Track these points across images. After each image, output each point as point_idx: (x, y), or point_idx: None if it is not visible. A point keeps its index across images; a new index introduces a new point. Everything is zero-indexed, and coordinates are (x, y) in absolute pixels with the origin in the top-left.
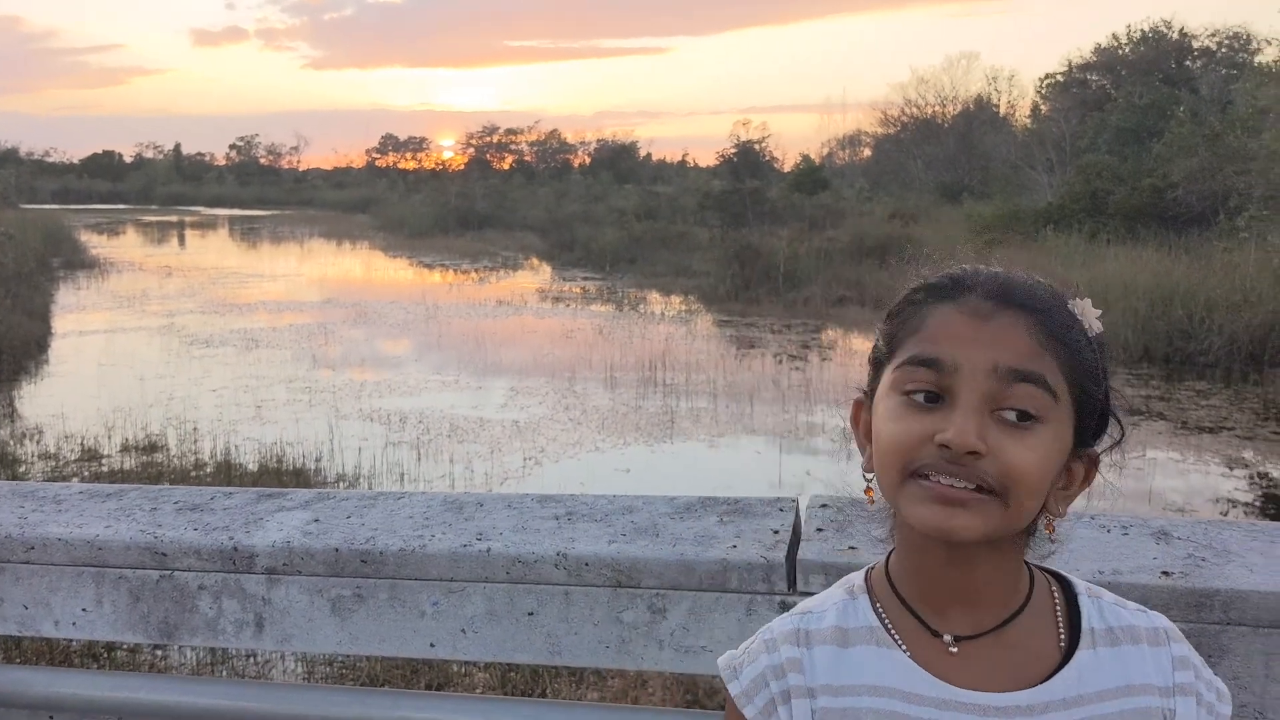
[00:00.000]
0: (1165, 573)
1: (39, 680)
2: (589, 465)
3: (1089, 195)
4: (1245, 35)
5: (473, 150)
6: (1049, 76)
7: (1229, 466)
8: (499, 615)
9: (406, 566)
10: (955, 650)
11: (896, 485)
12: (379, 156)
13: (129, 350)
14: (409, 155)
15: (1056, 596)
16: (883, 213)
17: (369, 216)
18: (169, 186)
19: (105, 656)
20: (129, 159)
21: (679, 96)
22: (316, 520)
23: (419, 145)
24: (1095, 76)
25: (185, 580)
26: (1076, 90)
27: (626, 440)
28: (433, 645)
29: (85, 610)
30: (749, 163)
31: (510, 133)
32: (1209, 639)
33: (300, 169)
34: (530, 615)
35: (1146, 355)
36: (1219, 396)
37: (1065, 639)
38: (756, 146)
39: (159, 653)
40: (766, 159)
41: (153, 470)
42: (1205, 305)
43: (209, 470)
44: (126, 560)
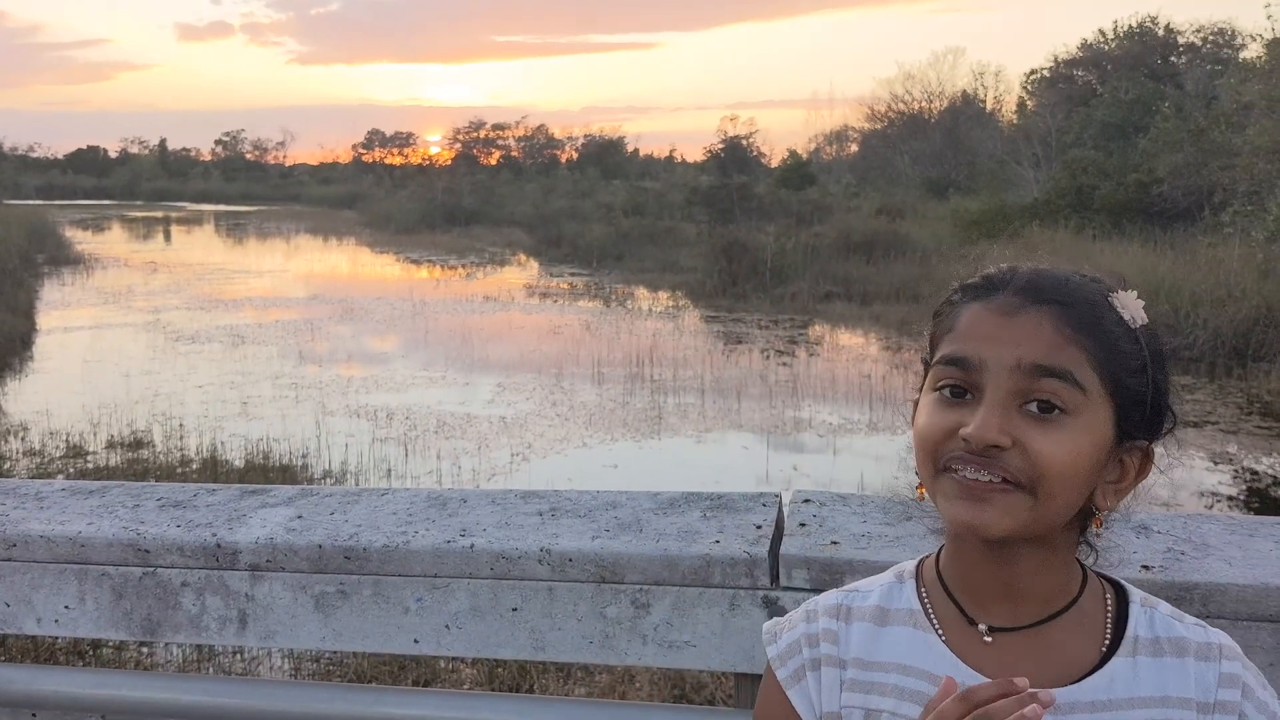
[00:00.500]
0: (1145, 566)
1: (20, 678)
2: (576, 461)
3: (1075, 190)
4: (1230, 31)
5: (460, 146)
6: (1035, 72)
7: (1213, 461)
8: (483, 611)
9: (390, 563)
10: (990, 640)
11: (930, 479)
12: (365, 152)
13: (114, 346)
14: (396, 151)
15: (1109, 603)
16: (869, 208)
17: (355, 212)
18: (154, 182)
19: (91, 654)
20: (114, 154)
21: (666, 92)
22: (300, 517)
23: (406, 141)
24: (1081, 72)
25: (168, 577)
26: (1062, 86)
27: (614, 436)
28: (416, 641)
29: (68, 608)
30: (736, 158)
31: (497, 128)
32: None
33: (286, 164)
34: (514, 611)
35: None
36: (1203, 391)
37: (1108, 645)
38: (744, 142)
39: (145, 650)
40: (754, 155)
41: (138, 467)
42: (1190, 300)
43: (195, 467)
44: (109, 557)
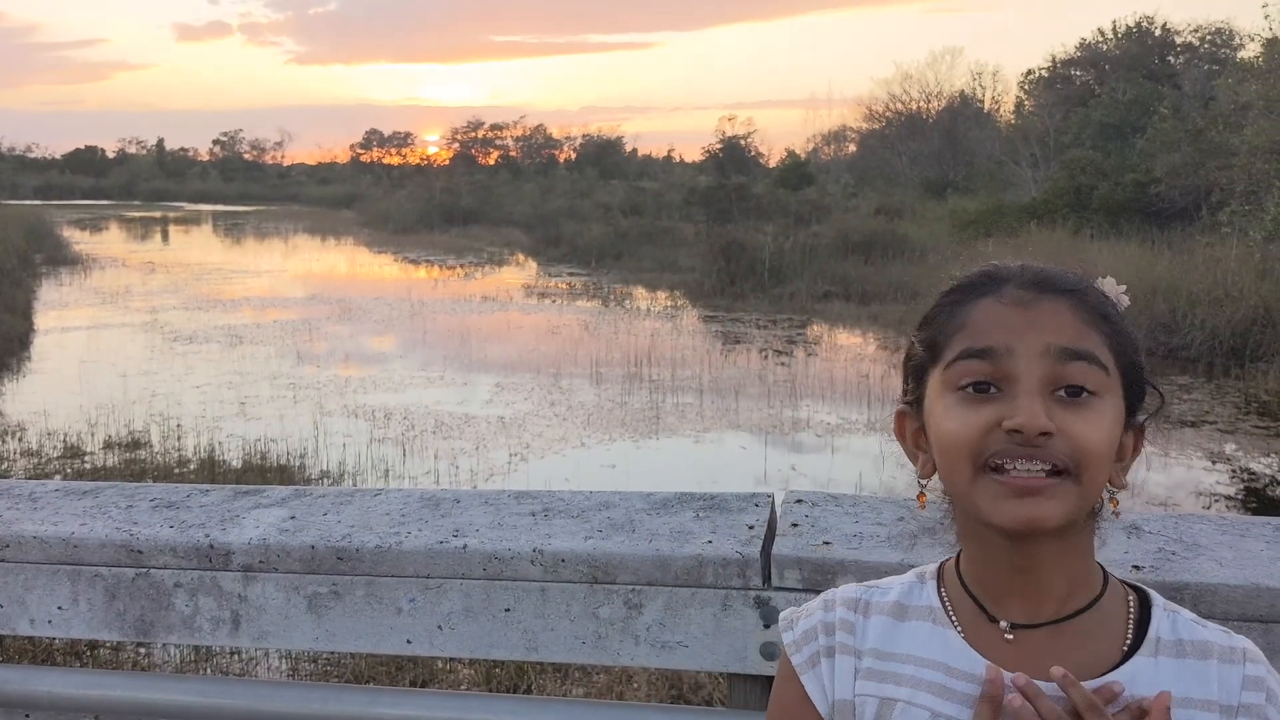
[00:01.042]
0: (1136, 567)
1: (14, 678)
2: (574, 461)
3: (1073, 190)
4: (1228, 31)
5: (458, 145)
6: (1033, 72)
7: (1211, 460)
8: (475, 612)
9: (383, 563)
10: (1011, 637)
11: (969, 481)
12: (363, 152)
13: (112, 347)
14: (394, 151)
15: (1131, 605)
16: (868, 208)
17: (353, 212)
18: (152, 182)
19: (88, 655)
20: (112, 155)
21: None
22: (293, 517)
23: (404, 140)
24: (1079, 72)
25: (161, 578)
26: (1060, 86)
27: (612, 436)
28: (409, 642)
29: (61, 608)
30: (735, 158)
31: (495, 128)
32: None
33: (284, 164)
34: (507, 612)
35: None
36: (1200, 390)
37: (1129, 644)
38: (742, 142)
39: (143, 651)
40: (752, 155)
41: (136, 467)
42: (1187, 300)
43: (192, 467)
44: (102, 558)
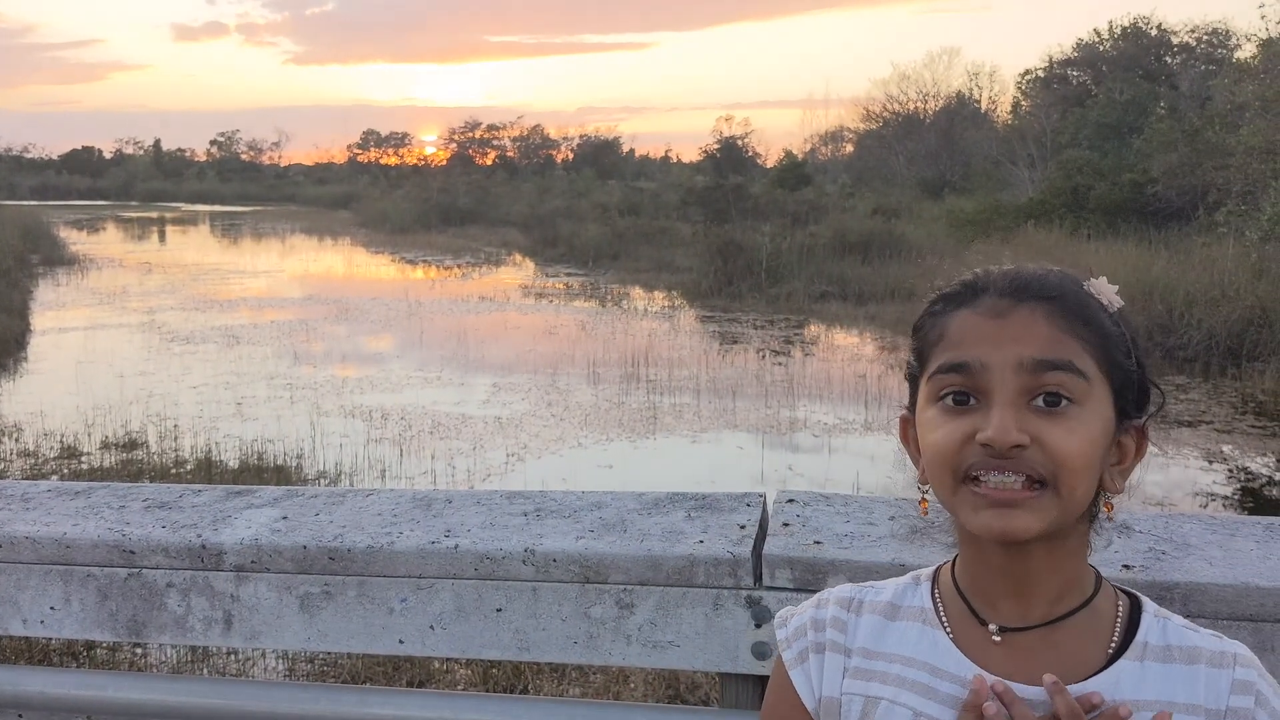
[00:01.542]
0: (1126, 566)
1: (6, 678)
2: (571, 462)
3: (1070, 190)
4: (1224, 31)
5: (455, 146)
6: (1030, 72)
7: (1207, 460)
8: (467, 612)
9: (375, 563)
10: (999, 640)
11: (951, 491)
12: (361, 152)
13: (109, 347)
14: (391, 151)
15: (1120, 610)
16: (865, 208)
17: (351, 212)
18: (149, 183)
19: (85, 655)
20: (109, 155)
21: (662, 92)
22: (285, 517)
23: (401, 141)
24: (1076, 72)
25: (153, 578)
26: (1057, 86)
27: (609, 436)
28: (401, 642)
29: (53, 608)
30: (732, 158)
31: (493, 128)
32: None
33: (282, 165)
34: (498, 611)
35: None
36: (1197, 390)
37: (1114, 648)
38: (739, 142)
39: (138, 651)
40: (749, 155)
41: (132, 468)
42: (1184, 300)
43: (189, 468)
44: (94, 558)
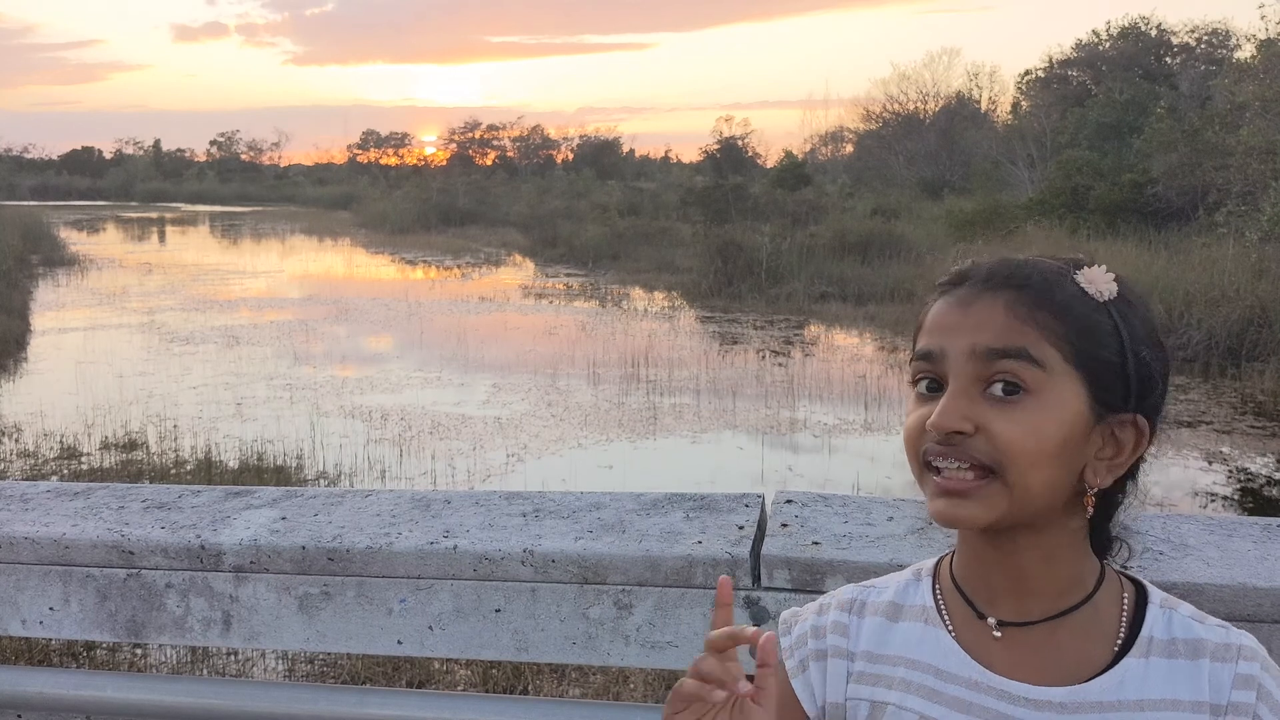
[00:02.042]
0: (1123, 566)
1: (5, 679)
2: (571, 462)
3: (1069, 190)
4: (1224, 31)
5: (455, 146)
6: (1029, 72)
7: (1207, 460)
8: (466, 612)
9: (374, 564)
10: (999, 635)
11: (919, 477)
12: (361, 152)
13: (109, 348)
14: (391, 151)
15: (1125, 603)
16: (865, 209)
17: (351, 213)
18: (149, 183)
19: (84, 656)
20: (109, 155)
21: (662, 92)
22: (284, 518)
23: (401, 141)
24: (1076, 72)
25: (152, 579)
26: (1057, 86)
27: (609, 437)
28: (400, 642)
29: (53, 609)
30: (732, 159)
31: (493, 129)
32: None
33: (281, 165)
34: (497, 612)
35: None
36: (1197, 391)
37: (1120, 645)
38: (739, 142)
39: (139, 651)
40: (749, 155)
41: (132, 468)
42: (1184, 300)
43: (189, 468)
44: (94, 559)
